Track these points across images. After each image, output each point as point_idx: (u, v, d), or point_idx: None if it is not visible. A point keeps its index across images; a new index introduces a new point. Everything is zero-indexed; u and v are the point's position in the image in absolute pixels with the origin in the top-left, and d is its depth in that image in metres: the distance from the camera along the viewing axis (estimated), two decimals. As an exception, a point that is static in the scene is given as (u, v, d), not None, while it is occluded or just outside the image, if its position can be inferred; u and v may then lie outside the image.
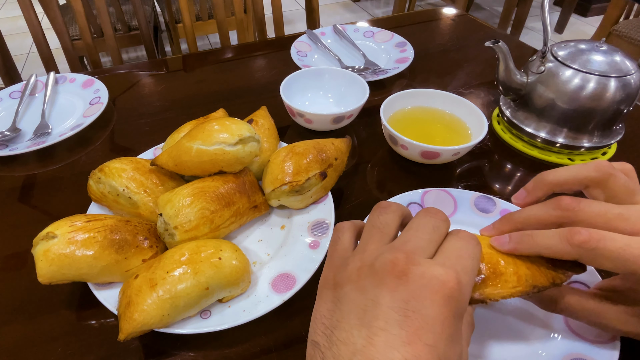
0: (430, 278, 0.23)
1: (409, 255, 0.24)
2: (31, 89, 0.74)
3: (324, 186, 0.49)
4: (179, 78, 0.81)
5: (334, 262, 0.28)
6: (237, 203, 0.45)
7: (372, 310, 0.23)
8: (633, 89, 0.53)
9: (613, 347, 0.35)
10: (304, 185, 0.47)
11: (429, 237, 0.26)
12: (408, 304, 0.23)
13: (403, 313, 0.22)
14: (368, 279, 0.24)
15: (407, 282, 0.23)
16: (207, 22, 1.76)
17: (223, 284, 0.39)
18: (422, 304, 0.23)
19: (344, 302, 0.25)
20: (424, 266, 0.24)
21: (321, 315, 0.25)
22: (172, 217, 0.42)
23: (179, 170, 0.47)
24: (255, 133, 0.47)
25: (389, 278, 0.24)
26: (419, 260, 0.24)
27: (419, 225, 0.27)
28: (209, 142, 0.45)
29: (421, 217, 0.28)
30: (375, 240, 0.27)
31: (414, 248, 0.25)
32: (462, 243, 0.27)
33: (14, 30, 2.68)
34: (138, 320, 0.36)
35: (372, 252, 0.26)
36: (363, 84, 0.64)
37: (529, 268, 0.29)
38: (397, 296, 0.23)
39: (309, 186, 0.47)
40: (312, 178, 0.47)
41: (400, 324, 0.22)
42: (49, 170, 0.61)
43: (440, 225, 0.27)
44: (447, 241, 0.27)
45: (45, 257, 0.38)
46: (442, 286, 0.23)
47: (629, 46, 1.57)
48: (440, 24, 0.98)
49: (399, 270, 0.24)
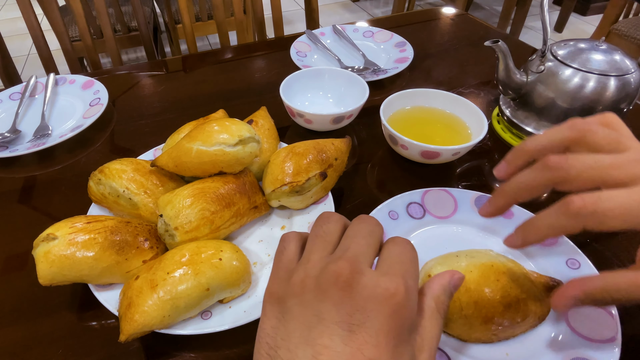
0: (374, 288, 0.23)
1: (352, 263, 0.24)
2: (31, 90, 0.74)
3: (324, 186, 0.49)
4: (178, 79, 0.81)
5: (278, 274, 0.27)
6: (238, 204, 0.45)
7: (316, 326, 0.22)
8: (633, 87, 0.53)
9: (614, 347, 0.35)
10: (304, 186, 0.47)
11: (366, 242, 0.26)
12: (352, 318, 0.22)
13: (347, 328, 0.22)
14: (312, 293, 0.23)
15: (351, 294, 0.23)
16: (207, 23, 1.76)
17: (224, 284, 0.39)
18: (366, 317, 0.22)
19: (287, 319, 0.24)
20: (367, 276, 0.23)
21: (265, 334, 0.24)
22: (172, 218, 0.42)
23: (179, 171, 0.47)
24: (255, 134, 0.47)
25: (332, 290, 0.23)
26: (363, 269, 0.24)
27: (355, 232, 0.27)
28: (209, 143, 0.45)
29: (355, 224, 0.28)
30: (318, 249, 0.26)
31: (355, 254, 0.25)
32: (400, 248, 0.26)
33: (14, 31, 2.68)
34: (139, 322, 0.36)
35: (315, 262, 0.25)
36: (363, 84, 0.64)
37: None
38: (341, 310, 0.22)
39: (309, 186, 0.47)
40: (312, 178, 0.47)
41: (345, 340, 0.22)
42: (49, 171, 0.61)
43: (375, 230, 0.27)
44: (386, 249, 0.26)
45: (45, 259, 0.38)
46: (387, 295, 0.22)
47: (629, 45, 1.57)
48: (439, 24, 0.98)
49: (343, 282, 0.23)
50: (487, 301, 0.35)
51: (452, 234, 0.47)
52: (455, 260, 0.38)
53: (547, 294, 0.38)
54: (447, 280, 0.27)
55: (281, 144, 0.57)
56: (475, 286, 0.36)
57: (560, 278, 0.40)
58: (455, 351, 0.37)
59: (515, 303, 0.36)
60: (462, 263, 0.38)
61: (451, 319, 0.36)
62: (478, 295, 0.36)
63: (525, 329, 0.37)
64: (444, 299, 0.27)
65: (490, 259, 0.38)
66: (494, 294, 0.36)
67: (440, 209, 0.48)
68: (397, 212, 0.47)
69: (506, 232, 0.45)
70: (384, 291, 0.22)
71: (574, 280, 0.29)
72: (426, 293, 0.26)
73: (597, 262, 0.41)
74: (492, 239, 0.46)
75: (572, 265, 0.41)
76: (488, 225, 0.47)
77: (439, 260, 0.39)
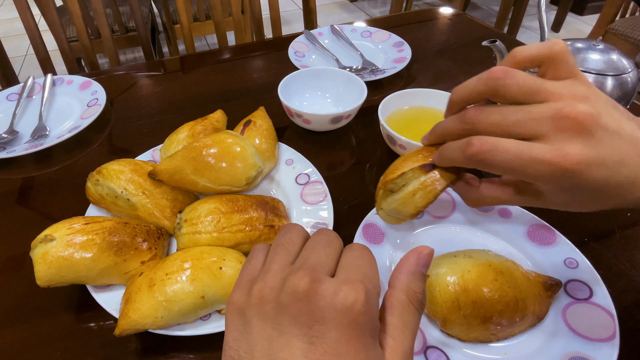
0: (333, 297, 0.22)
1: (310, 272, 0.23)
2: (28, 91, 0.74)
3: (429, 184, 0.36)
4: (176, 79, 0.81)
5: (241, 284, 0.26)
6: (251, 213, 0.44)
7: (277, 339, 0.22)
8: (630, 87, 0.53)
9: (612, 346, 0.35)
10: (397, 181, 0.38)
11: (325, 252, 0.26)
12: (312, 329, 0.22)
13: (307, 340, 0.22)
14: (270, 304, 0.23)
15: (309, 305, 0.22)
16: (205, 23, 1.76)
17: (221, 295, 0.38)
18: (326, 327, 0.22)
19: (249, 332, 0.23)
20: (325, 285, 0.23)
21: (229, 347, 0.24)
22: (187, 212, 0.45)
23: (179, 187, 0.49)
24: (261, 165, 0.49)
25: (291, 303, 0.23)
26: (322, 278, 0.23)
27: (314, 243, 0.27)
28: (216, 183, 0.47)
29: (314, 236, 0.28)
30: (279, 258, 0.26)
31: (314, 264, 0.24)
32: (357, 253, 0.26)
33: (11, 32, 2.68)
34: (132, 319, 0.36)
35: (275, 272, 0.25)
36: (361, 84, 0.64)
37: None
38: (300, 322, 0.22)
39: (406, 181, 0.37)
40: (407, 172, 0.37)
41: (305, 353, 0.21)
42: (47, 172, 0.61)
43: (333, 240, 0.27)
44: (343, 256, 0.26)
45: (43, 260, 0.38)
46: (346, 304, 0.22)
47: (625, 44, 1.57)
48: (437, 24, 0.98)
49: (301, 293, 0.22)
50: (486, 301, 0.35)
51: (451, 233, 0.47)
52: (453, 260, 0.38)
53: (545, 293, 0.38)
54: (414, 265, 0.26)
55: (280, 145, 0.57)
56: (473, 286, 0.36)
57: (558, 277, 0.40)
58: (455, 351, 0.37)
59: (514, 302, 0.36)
60: (461, 263, 0.38)
61: (449, 319, 0.36)
62: (476, 295, 0.36)
63: (524, 328, 0.38)
64: (415, 287, 0.25)
65: (489, 258, 0.38)
66: (493, 293, 0.36)
67: (438, 208, 0.48)
68: (396, 212, 0.47)
69: (504, 231, 0.46)
70: (343, 300, 0.22)
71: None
72: (395, 286, 0.25)
73: (595, 262, 0.42)
74: (490, 238, 0.46)
75: (570, 265, 0.41)
76: (486, 225, 0.47)
77: (436, 260, 0.39)
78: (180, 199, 0.48)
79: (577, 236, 0.41)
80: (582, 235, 0.47)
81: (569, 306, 0.39)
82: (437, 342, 0.37)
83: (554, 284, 0.38)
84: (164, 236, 0.45)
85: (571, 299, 0.39)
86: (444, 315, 0.37)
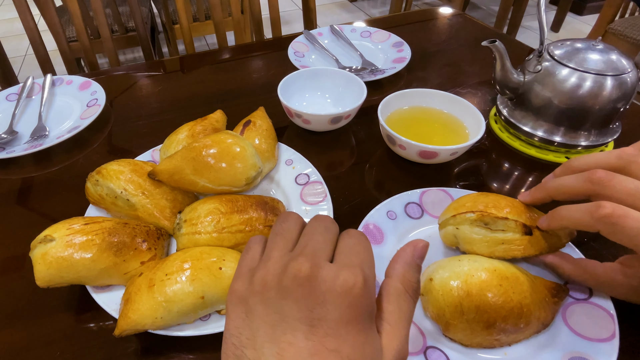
0: (333, 281, 0.23)
1: (310, 258, 0.24)
2: (28, 91, 0.74)
3: (524, 245, 0.38)
4: (176, 79, 0.81)
5: (241, 273, 0.27)
6: (250, 214, 0.44)
7: (279, 324, 0.23)
8: (629, 87, 0.53)
9: (612, 346, 0.35)
10: (498, 221, 0.39)
11: (323, 238, 0.27)
12: (313, 312, 0.23)
13: (309, 322, 0.22)
14: (273, 291, 0.24)
15: (310, 289, 0.23)
16: (205, 23, 1.76)
17: (220, 295, 0.38)
18: (326, 310, 0.23)
19: (251, 318, 0.24)
20: (325, 269, 0.24)
21: (230, 335, 0.25)
22: (187, 213, 0.45)
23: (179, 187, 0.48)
24: (260, 166, 0.49)
25: (293, 287, 0.23)
26: (321, 263, 0.24)
27: (311, 230, 0.28)
28: (216, 183, 0.47)
29: (311, 223, 0.28)
30: (278, 246, 0.27)
31: (313, 250, 0.25)
32: (354, 240, 0.27)
33: (10, 32, 2.68)
34: (132, 319, 0.36)
35: (275, 260, 0.26)
36: (360, 84, 0.64)
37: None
38: (302, 306, 0.23)
39: (506, 228, 0.39)
40: (511, 221, 0.38)
41: (307, 335, 0.22)
42: (47, 172, 0.60)
43: (330, 226, 0.28)
44: (341, 242, 0.27)
45: (43, 261, 0.38)
46: (346, 287, 0.23)
47: (625, 44, 1.58)
48: (437, 24, 0.98)
49: (302, 278, 0.23)
50: (490, 306, 0.35)
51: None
52: (457, 264, 0.38)
53: (552, 299, 0.37)
54: (410, 256, 0.27)
55: (279, 145, 0.57)
56: (477, 291, 0.35)
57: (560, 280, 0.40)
58: (455, 351, 0.37)
59: (519, 308, 0.35)
60: (465, 267, 0.37)
61: (452, 323, 0.36)
62: (480, 300, 0.35)
63: (529, 334, 0.37)
64: (410, 276, 0.26)
65: (493, 263, 0.38)
66: (497, 298, 0.35)
67: (438, 208, 0.48)
68: (396, 212, 0.47)
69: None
70: (343, 283, 0.23)
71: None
72: (392, 275, 0.27)
73: (595, 261, 0.42)
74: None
75: None
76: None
77: (441, 263, 0.39)
78: (180, 199, 0.48)
79: (577, 236, 0.41)
80: (582, 235, 0.47)
81: (569, 306, 0.39)
82: (437, 342, 0.37)
83: (561, 291, 0.38)
84: (163, 236, 0.45)
85: (571, 299, 0.39)
86: (447, 320, 0.36)
